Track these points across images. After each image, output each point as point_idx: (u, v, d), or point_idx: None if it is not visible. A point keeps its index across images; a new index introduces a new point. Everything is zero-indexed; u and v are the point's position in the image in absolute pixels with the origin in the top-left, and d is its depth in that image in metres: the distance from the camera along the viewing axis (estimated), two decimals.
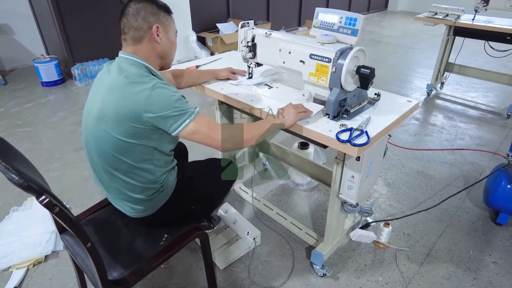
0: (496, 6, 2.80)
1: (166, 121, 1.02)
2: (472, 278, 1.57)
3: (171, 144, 1.16)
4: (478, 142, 2.69)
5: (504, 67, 4.20)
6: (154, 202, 1.19)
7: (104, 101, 1.04)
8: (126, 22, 1.09)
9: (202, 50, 4.54)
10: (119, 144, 1.04)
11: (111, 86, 1.04)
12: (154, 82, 1.02)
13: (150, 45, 1.11)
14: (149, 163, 1.11)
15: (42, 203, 0.78)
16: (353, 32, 1.22)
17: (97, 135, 1.07)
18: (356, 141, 1.09)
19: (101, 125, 1.04)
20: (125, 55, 1.10)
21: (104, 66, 1.14)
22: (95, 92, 1.11)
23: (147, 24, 1.09)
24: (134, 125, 1.01)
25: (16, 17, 4.01)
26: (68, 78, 3.92)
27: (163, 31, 1.13)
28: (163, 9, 1.13)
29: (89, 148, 1.13)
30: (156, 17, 1.11)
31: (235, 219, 1.77)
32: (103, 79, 1.10)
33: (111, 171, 1.10)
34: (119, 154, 1.06)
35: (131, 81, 1.01)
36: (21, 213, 1.89)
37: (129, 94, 1.00)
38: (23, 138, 2.73)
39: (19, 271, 1.57)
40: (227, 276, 1.57)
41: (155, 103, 1.00)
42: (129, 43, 1.11)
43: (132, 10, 1.08)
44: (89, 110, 1.10)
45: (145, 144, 1.06)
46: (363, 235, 1.62)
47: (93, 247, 0.93)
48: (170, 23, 1.16)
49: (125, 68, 1.05)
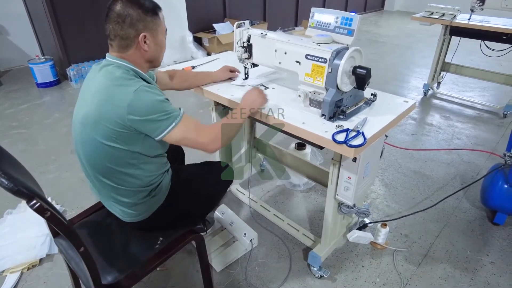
0: (492, 5, 2.81)
1: (150, 125, 1.00)
2: (470, 279, 1.57)
3: (157, 149, 1.12)
4: (475, 142, 2.69)
5: (500, 66, 4.22)
6: (147, 206, 1.17)
7: (89, 105, 1.02)
8: (111, 29, 1.03)
9: (199, 50, 4.52)
10: (103, 149, 1.02)
11: (96, 90, 1.01)
12: (138, 85, 0.99)
13: (138, 52, 1.07)
14: (136, 168, 1.08)
15: (32, 208, 0.76)
16: (349, 32, 1.21)
17: (83, 141, 1.05)
18: (352, 142, 1.08)
19: (86, 130, 1.03)
20: (112, 58, 1.07)
21: (92, 68, 1.12)
22: (82, 97, 1.09)
23: (134, 33, 1.03)
24: (117, 129, 0.99)
25: (11, 17, 3.98)
26: (63, 79, 3.89)
27: (151, 37, 1.07)
28: (150, 13, 1.05)
29: (79, 153, 1.11)
30: (143, 24, 1.04)
31: (231, 221, 1.76)
32: (90, 83, 1.07)
33: (99, 176, 1.09)
34: (104, 159, 1.04)
35: (115, 84, 0.99)
36: (16, 216, 1.87)
37: (112, 97, 0.98)
38: (18, 139, 2.70)
39: (13, 275, 1.55)
40: (223, 278, 1.56)
41: (138, 107, 0.97)
42: (115, 49, 1.07)
43: (116, 17, 1.01)
44: (76, 115, 1.08)
45: (129, 149, 1.04)
46: (360, 236, 1.62)
47: (86, 252, 0.92)
48: (158, 26, 1.09)
49: (111, 72, 1.02)
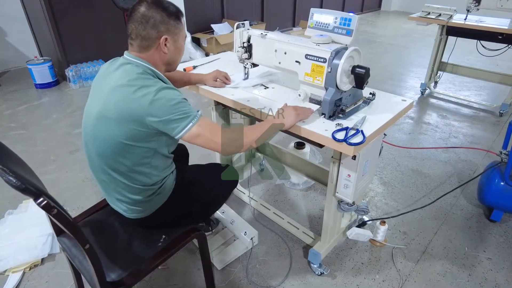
0: (488, 6, 2.83)
1: (169, 125, 1.01)
2: (467, 275, 1.59)
3: (171, 146, 1.15)
4: (472, 140, 2.72)
5: (496, 66, 4.26)
6: (152, 203, 1.19)
7: (106, 102, 1.02)
8: (133, 29, 1.05)
9: (197, 51, 4.53)
10: (118, 145, 1.03)
11: (114, 88, 1.02)
12: (158, 86, 1.01)
13: (157, 54, 1.09)
14: (148, 166, 1.10)
15: (40, 205, 0.77)
16: (347, 32, 1.23)
17: (97, 136, 1.06)
18: (352, 140, 1.10)
19: (102, 126, 1.04)
20: (131, 57, 1.08)
21: (105, 65, 1.12)
22: (97, 92, 1.09)
23: (155, 34, 1.05)
24: (136, 128, 1.01)
25: (9, 18, 3.97)
26: (62, 80, 3.89)
27: (172, 40, 1.09)
28: (173, 16, 1.08)
29: (89, 148, 1.12)
30: (165, 27, 1.06)
31: (232, 219, 1.77)
32: (106, 78, 1.08)
33: (109, 171, 1.10)
34: (118, 155, 1.05)
35: (135, 84, 1.00)
36: (17, 216, 1.87)
37: (132, 97, 0.99)
38: (17, 141, 2.70)
39: (15, 275, 1.56)
40: (225, 276, 1.57)
41: (159, 107, 0.99)
42: (135, 49, 1.08)
43: (140, 17, 1.03)
44: (90, 109, 1.09)
45: (145, 146, 1.06)
46: (359, 234, 1.64)
47: (91, 249, 0.93)
48: (180, 31, 1.11)
49: (130, 71, 1.03)
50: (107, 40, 4.00)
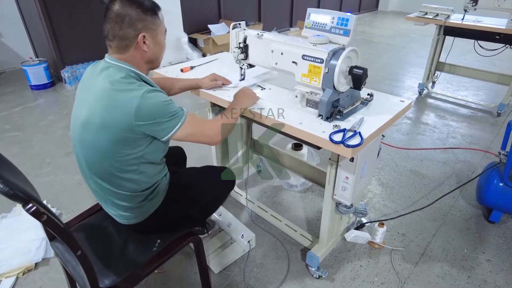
0: (485, 6, 2.83)
1: (157, 127, 1.00)
2: (467, 277, 1.58)
3: (160, 152, 1.13)
4: (470, 141, 2.71)
5: (494, 65, 4.26)
6: (144, 209, 1.17)
7: (92, 109, 1.00)
8: (109, 29, 1.02)
9: (194, 51, 4.51)
10: (106, 153, 1.01)
11: (98, 93, 1.00)
12: (144, 90, 0.98)
13: (137, 53, 1.06)
14: (135, 173, 1.08)
15: (29, 212, 0.75)
16: (345, 32, 1.21)
17: (84, 143, 1.04)
18: (349, 142, 1.08)
19: (88, 133, 1.01)
20: (112, 60, 1.05)
21: (89, 69, 1.10)
22: (82, 98, 1.07)
23: (133, 33, 1.02)
24: (122, 133, 0.98)
25: (3, 19, 3.94)
26: (58, 81, 3.86)
27: (151, 37, 1.06)
28: (150, 12, 1.04)
29: (77, 154, 1.10)
30: (142, 24, 1.02)
31: (229, 222, 1.75)
32: (90, 84, 1.06)
33: (97, 179, 1.08)
34: (104, 163, 1.03)
35: (120, 89, 0.98)
36: (10, 219, 1.85)
37: (118, 102, 0.97)
38: (12, 142, 2.67)
39: (8, 280, 1.53)
40: (222, 279, 1.55)
41: (146, 112, 0.97)
42: (114, 50, 1.05)
43: (115, 16, 1.00)
44: (76, 117, 1.07)
45: (132, 153, 1.03)
46: (358, 236, 1.62)
47: (83, 255, 0.91)
48: (158, 26, 1.08)
49: (112, 75, 1.01)
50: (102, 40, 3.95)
